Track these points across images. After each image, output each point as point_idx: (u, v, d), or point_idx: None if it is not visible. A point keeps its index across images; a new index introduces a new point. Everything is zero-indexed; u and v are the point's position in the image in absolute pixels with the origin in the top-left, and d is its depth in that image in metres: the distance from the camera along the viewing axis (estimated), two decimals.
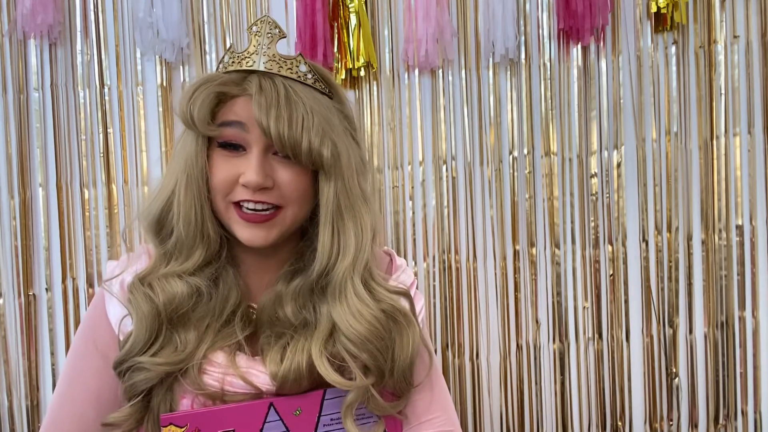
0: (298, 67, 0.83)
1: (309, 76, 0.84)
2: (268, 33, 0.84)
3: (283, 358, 0.81)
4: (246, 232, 0.81)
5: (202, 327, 0.82)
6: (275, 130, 0.77)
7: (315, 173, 0.83)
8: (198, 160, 0.81)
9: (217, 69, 0.87)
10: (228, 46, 0.83)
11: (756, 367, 1.55)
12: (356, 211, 0.83)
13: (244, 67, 0.82)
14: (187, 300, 0.82)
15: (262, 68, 0.82)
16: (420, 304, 0.92)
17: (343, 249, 0.82)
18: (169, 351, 0.80)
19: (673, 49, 1.53)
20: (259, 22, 0.84)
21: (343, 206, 0.83)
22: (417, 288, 0.95)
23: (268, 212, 0.81)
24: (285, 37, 0.86)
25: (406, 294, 0.87)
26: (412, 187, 1.54)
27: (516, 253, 1.54)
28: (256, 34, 0.84)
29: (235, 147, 0.81)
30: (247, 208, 0.81)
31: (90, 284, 1.54)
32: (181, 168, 0.82)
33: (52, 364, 1.55)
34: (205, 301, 0.83)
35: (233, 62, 0.83)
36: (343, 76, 1.50)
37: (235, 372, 0.81)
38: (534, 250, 1.55)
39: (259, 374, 0.82)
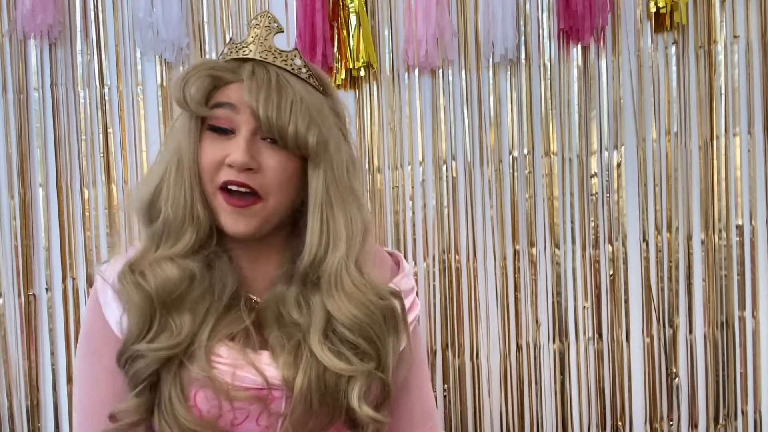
0: (293, 60, 0.85)
1: (303, 70, 0.86)
2: (266, 26, 0.86)
3: (297, 364, 0.82)
4: (229, 220, 0.82)
5: (201, 309, 0.83)
6: (264, 113, 0.79)
7: (304, 164, 0.84)
8: (190, 143, 0.83)
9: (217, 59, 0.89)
10: (228, 39, 0.87)
11: (756, 367, 1.55)
12: (345, 203, 0.85)
13: (240, 56, 0.85)
14: (180, 283, 0.82)
15: (257, 57, 0.84)
16: (416, 311, 0.93)
17: (333, 238, 0.84)
18: (166, 336, 0.81)
19: (673, 49, 1.52)
20: (259, 16, 0.87)
21: (333, 196, 0.84)
22: (417, 295, 0.96)
23: (248, 198, 0.82)
24: (282, 31, 0.88)
25: (396, 294, 0.88)
26: (412, 187, 1.54)
27: (516, 253, 1.54)
28: (254, 27, 0.86)
29: (224, 131, 0.82)
30: (231, 189, 0.82)
31: (90, 284, 1.54)
32: (172, 152, 0.84)
33: (52, 364, 1.55)
34: (198, 283, 0.83)
35: (231, 52, 0.86)
36: (343, 76, 1.50)
37: (246, 361, 0.81)
38: (534, 250, 1.55)
39: (267, 367, 0.82)
